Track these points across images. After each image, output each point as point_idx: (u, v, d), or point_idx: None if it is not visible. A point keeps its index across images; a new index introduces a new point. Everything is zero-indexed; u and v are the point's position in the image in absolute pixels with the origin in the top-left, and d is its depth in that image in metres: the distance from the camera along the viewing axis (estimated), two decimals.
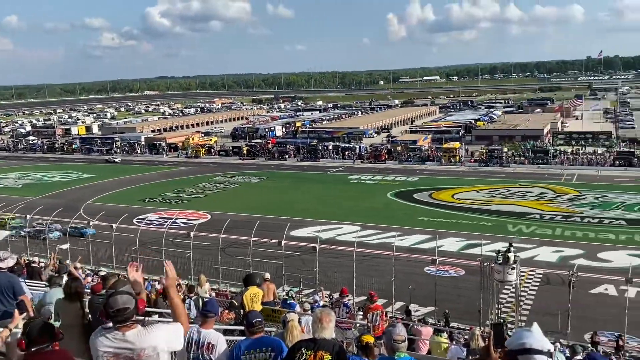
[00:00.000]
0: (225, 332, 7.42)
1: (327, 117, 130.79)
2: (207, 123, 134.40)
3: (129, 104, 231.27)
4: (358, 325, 12.56)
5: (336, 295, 16.64)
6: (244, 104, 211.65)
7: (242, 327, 7.27)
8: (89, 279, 17.87)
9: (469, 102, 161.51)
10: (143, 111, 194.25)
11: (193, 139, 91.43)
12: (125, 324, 3.91)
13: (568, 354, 11.63)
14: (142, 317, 4.08)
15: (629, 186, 50.57)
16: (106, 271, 22.95)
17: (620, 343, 19.66)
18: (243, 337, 5.63)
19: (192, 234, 32.33)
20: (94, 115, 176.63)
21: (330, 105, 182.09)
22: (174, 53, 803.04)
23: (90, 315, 6.25)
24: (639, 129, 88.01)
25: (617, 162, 60.43)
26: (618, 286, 26.03)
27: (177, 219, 42.31)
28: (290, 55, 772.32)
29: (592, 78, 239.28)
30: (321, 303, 16.77)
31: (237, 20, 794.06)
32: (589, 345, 19.54)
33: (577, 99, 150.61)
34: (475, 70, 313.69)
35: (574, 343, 13.68)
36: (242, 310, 9.26)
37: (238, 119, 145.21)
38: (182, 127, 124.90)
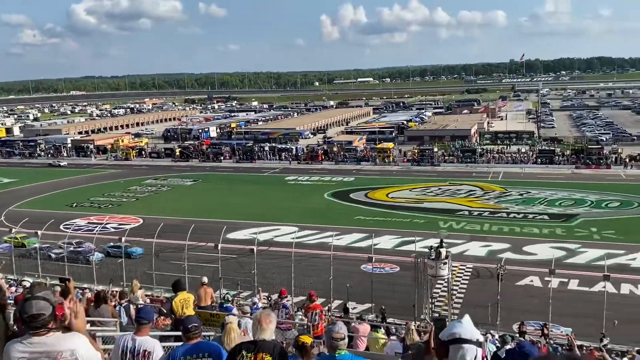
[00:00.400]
0: (163, 339, 7.22)
1: (263, 118, 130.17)
2: (138, 124, 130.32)
3: (54, 104, 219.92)
4: (297, 325, 12.57)
5: (275, 297, 16.57)
6: (176, 104, 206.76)
7: (178, 333, 7.10)
8: (13, 289, 16.88)
9: (401, 104, 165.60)
10: (69, 112, 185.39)
11: (123, 141, 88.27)
12: (39, 331, 3.72)
13: (498, 344, 12.19)
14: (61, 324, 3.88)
15: (551, 182, 53.60)
16: (30, 281, 21.72)
17: (545, 331, 20.77)
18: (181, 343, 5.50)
19: (123, 239, 31.24)
20: (15, 116, 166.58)
21: (265, 106, 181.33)
22: (102, 52, 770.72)
23: (15, 327, 5.88)
24: (558, 129, 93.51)
25: (539, 160, 63.92)
26: (542, 277, 27.50)
27: (107, 224, 40.79)
28: (223, 55, 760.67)
29: (515, 80, 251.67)
30: (260, 305, 16.65)
31: (168, 18, 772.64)
32: (517, 334, 20.54)
33: (502, 100, 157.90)
34: (406, 73, 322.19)
35: (504, 333, 14.34)
36: (173, 316, 9.07)
37: (170, 119, 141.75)
38: (110, 128, 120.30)
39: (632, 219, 40.76)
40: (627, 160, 61.29)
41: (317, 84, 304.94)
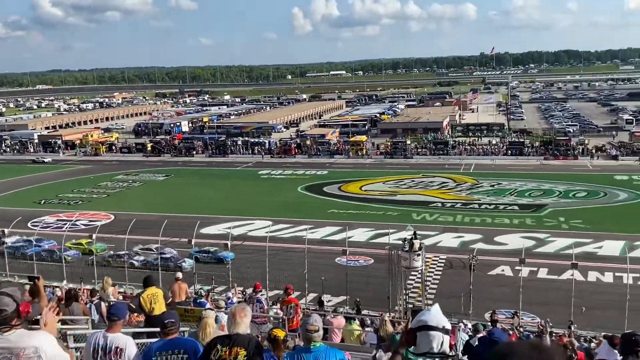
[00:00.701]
0: (137, 336, 7.12)
1: (235, 112, 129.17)
2: (107, 119, 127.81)
3: (19, 99, 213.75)
4: (272, 319, 12.56)
5: (249, 291, 16.52)
6: (147, 98, 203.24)
7: (153, 329, 7.02)
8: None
9: (374, 97, 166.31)
10: (35, 107, 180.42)
11: (92, 136, 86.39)
12: (2, 327, 3.63)
13: (471, 333, 12.40)
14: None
15: (521, 173, 54.61)
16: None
17: (517, 319, 21.25)
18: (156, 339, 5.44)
19: (94, 236, 30.73)
20: None
21: (237, 99, 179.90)
22: (68, 45, 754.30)
23: None
24: (527, 121, 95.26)
25: (510, 151, 65.05)
26: (513, 267, 28.08)
27: (77, 220, 39.97)
28: (194, 48, 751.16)
29: (485, 73, 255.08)
30: (234, 300, 16.58)
31: (137, 11, 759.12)
32: (489, 323, 20.95)
33: (473, 92, 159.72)
34: (379, 66, 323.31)
35: (476, 322, 14.59)
36: (143, 312, 8.96)
37: (141, 114, 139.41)
38: (79, 123, 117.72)
39: (598, 208, 41.85)
40: (594, 151, 62.84)
41: (289, 77, 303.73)
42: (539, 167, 58.69)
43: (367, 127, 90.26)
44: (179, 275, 14.01)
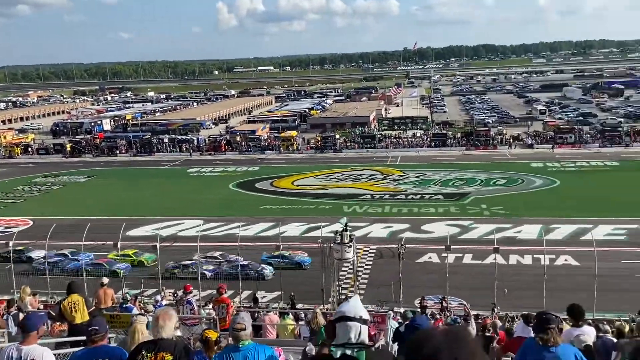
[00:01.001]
0: (59, 346, 6.79)
1: (161, 109, 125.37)
2: (22, 119, 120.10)
3: None
4: (205, 319, 12.35)
5: (180, 293, 16.15)
6: (65, 96, 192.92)
7: (77, 338, 6.71)
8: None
9: (303, 92, 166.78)
10: None
11: (5, 138, 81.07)
12: None
13: (400, 320, 12.78)
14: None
15: (444, 164, 56.69)
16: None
17: (444, 304, 22.11)
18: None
19: (11, 243, 28.90)
20: None
21: (162, 96, 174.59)
22: None
23: None
24: (450, 113, 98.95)
25: (433, 143, 67.36)
26: (440, 254, 29.16)
27: None
28: (115, 43, 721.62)
29: (409, 68, 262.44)
30: (164, 303, 16.14)
31: (49, 5, 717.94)
32: (419, 309, 21.68)
33: (397, 87, 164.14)
34: (306, 61, 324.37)
35: (405, 309, 15.03)
36: (65, 321, 8.57)
37: (58, 113, 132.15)
38: None
39: (517, 194, 44.23)
40: (511, 140, 66.33)
41: (216, 72, 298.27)
42: (461, 157, 61.18)
43: (297, 123, 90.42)
44: (105, 280, 13.48)
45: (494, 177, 49.88)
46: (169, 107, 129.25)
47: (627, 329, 10.48)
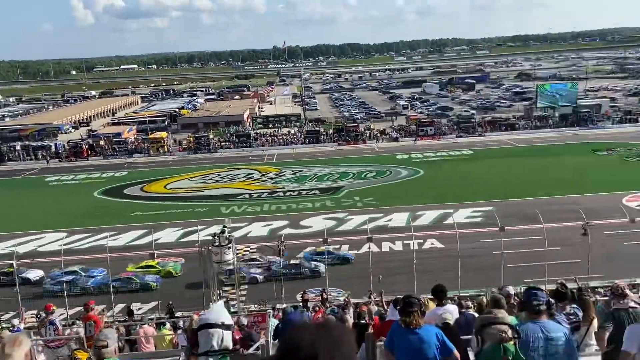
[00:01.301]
0: None
1: (11, 113, 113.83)
2: None
3: None
4: (74, 339, 11.40)
5: (42, 314, 14.74)
6: None
7: None
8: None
9: (171, 91, 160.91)
10: None
11: None
12: None
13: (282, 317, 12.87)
14: None
15: (319, 160, 58.14)
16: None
17: (325, 296, 22.66)
18: None
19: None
20: None
21: (12, 99, 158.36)
22: None
23: None
24: (321, 110, 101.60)
25: (307, 140, 68.74)
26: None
27: None
28: None
29: (279, 66, 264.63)
30: (22, 327, 14.63)
31: None
32: (301, 304, 22.00)
33: (269, 85, 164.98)
34: (173, 59, 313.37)
35: (286, 305, 15.17)
36: None
37: None
38: None
39: (386, 185, 46.66)
40: (378, 134, 69.80)
41: (74, 72, 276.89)
42: (334, 152, 63.14)
43: (166, 123, 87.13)
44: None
45: (364, 170, 52.12)
46: (21, 111, 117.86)
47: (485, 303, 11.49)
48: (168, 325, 13.48)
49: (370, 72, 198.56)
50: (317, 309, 15.54)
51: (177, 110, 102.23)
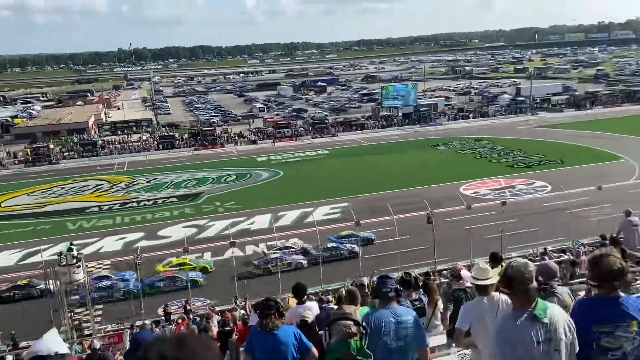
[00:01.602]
0: None
1: None
2: None
3: None
4: None
5: None
6: None
7: None
8: None
9: (2, 98, 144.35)
10: None
11: None
12: None
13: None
14: None
15: (175, 166, 56.14)
16: None
17: (188, 307, 22.02)
18: None
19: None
20: None
21: None
22: None
23: None
24: (174, 114, 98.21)
25: (161, 145, 66.03)
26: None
27: None
28: None
29: (126, 69, 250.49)
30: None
31: None
32: (163, 317, 21.15)
33: (116, 89, 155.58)
34: (2, 63, 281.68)
35: (143, 322, 14.45)
36: None
37: None
38: None
39: (247, 188, 46.53)
40: (236, 138, 69.41)
41: None
42: (191, 157, 61.47)
43: None
44: None
45: (224, 174, 51.49)
46: None
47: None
48: (10, 358, 12.09)
49: (224, 75, 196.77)
50: (180, 320, 15.04)
51: (10, 119, 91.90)
